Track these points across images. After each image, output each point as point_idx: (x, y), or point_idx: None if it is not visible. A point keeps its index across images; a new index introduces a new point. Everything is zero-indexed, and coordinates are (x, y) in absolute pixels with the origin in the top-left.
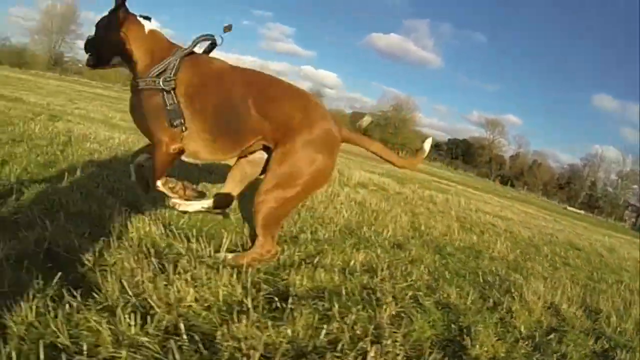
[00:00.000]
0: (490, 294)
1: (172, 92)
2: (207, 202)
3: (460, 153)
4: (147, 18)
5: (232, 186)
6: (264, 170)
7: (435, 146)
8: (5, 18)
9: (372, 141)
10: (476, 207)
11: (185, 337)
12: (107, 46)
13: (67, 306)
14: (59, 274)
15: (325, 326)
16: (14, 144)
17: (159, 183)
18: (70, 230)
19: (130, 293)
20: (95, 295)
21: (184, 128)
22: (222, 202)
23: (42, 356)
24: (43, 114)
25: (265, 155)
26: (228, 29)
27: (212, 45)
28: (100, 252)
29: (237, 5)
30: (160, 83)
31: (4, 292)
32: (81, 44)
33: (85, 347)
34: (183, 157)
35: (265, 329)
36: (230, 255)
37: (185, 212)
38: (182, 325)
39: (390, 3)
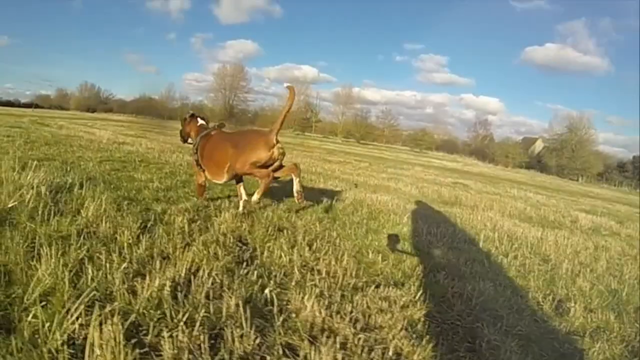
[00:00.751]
0: None
1: (196, 149)
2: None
3: None
4: (204, 119)
5: None
6: None
7: (619, 167)
8: (182, 82)
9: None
10: None
11: None
12: (184, 132)
13: None
14: None
15: None
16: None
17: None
18: None
19: None
20: None
21: (202, 166)
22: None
23: None
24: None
25: None
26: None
27: (220, 125)
28: None
29: (387, 41)
30: (193, 146)
31: None
32: (251, 97)
33: None
34: (209, 178)
35: None
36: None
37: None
38: None
39: (535, 8)
